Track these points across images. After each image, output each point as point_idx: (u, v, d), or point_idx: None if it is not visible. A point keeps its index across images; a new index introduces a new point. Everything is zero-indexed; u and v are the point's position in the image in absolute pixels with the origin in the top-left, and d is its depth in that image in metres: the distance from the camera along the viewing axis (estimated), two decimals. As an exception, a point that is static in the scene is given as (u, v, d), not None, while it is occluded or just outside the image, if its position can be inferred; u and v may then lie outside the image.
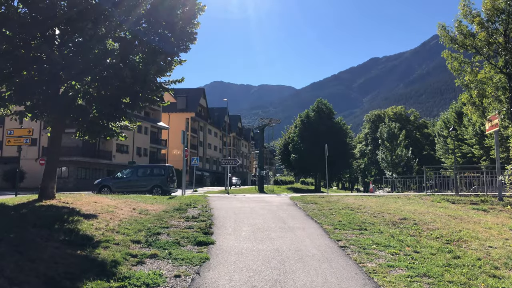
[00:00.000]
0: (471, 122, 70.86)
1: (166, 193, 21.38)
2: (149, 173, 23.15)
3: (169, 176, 22.65)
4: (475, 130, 68.12)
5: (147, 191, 20.95)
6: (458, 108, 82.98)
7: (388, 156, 37.91)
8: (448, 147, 74.93)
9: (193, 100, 76.90)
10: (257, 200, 15.70)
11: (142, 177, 22.63)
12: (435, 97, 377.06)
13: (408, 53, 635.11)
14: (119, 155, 52.45)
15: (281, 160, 49.05)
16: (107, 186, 22.20)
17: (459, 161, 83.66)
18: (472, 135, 68.83)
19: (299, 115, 43.48)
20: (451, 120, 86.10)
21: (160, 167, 23.86)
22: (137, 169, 23.67)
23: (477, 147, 67.30)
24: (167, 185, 22.40)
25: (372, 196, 17.65)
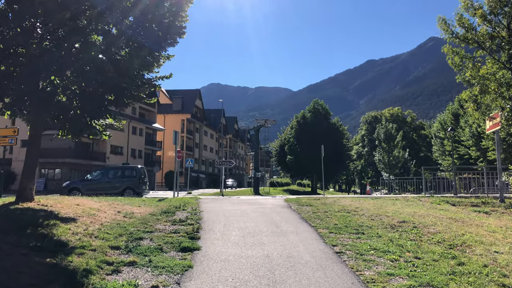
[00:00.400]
0: (468, 124, 70.65)
1: (138, 195, 20.67)
2: (121, 174, 22.43)
3: (141, 177, 21.97)
4: (472, 131, 67.86)
5: (118, 193, 20.23)
6: (455, 110, 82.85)
7: (385, 157, 37.37)
8: (445, 148, 74.66)
9: (188, 101, 76.34)
10: (250, 202, 15.14)
11: (113, 179, 21.96)
12: (431, 99, 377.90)
13: (405, 55, 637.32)
14: (113, 157, 51.77)
15: (277, 162, 48.52)
16: (76, 189, 21.49)
17: (456, 163, 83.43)
18: (469, 137, 68.52)
19: (295, 116, 42.96)
20: (447, 121, 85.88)
21: (131, 169, 23.12)
22: (108, 171, 23.00)
23: (474, 149, 66.98)
24: (139, 186, 21.75)
25: (369, 198, 17.10)
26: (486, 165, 69.75)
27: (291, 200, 15.54)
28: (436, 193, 27.16)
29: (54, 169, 47.66)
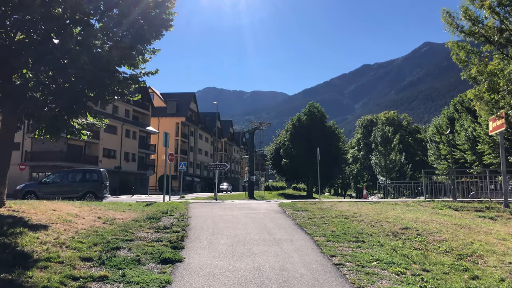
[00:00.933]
0: (463, 128, 70.33)
1: (100, 199, 19.53)
2: (82, 178, 21.20)
3: (103, 182, 20.86)
4: (467, 135, 67.52)
5: (78, 198, 18.90)
6: (450, 114, 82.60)
7: (382, 161, 36.68)
8: (440, 152, 74.31)
9: (183, 104, 75.57)
10: (243, 207, 14.37)
11: (73, 182, 20.68)
12: (425, 104, 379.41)
13: (399, 60, 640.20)
14: (105, 160, 50.84)
15: (272, 165, 47.75)
16: (32, 192, 20.07)
17: (451, 167, 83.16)
18: (464, 141, 68.22)
19: (291, 119, 42.21)
20: (443, 125, 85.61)
21: (93, 172, 21.86)
22: (67, 174, 21.61)
23: (470, 153, 66.61)
24: (101, 191, 20.57)
25: (366, 202, 16.38)
26: (482, 168, 69.47)
27: (285, 204, 14.81)
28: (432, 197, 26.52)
29: (45, 172, 46.57)
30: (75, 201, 13.57)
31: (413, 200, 18.34)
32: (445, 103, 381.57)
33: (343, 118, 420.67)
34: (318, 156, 25.35)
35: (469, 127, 67.74)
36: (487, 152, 57.69)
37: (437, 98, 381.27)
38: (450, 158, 72.75)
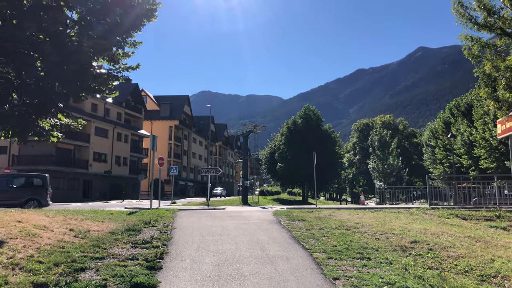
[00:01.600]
0: (459, 132, 69.77)
1: (44, 206, 17.97)
2: (24, 183, 19.22)
3: (47, 187, 19.27)
4: (463, 139, 66.86)
5: (19, 205, 17.03)
6: (446, 118, 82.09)
7: (380, 165, 35.72)
8: (436, 157, 73.65)
9: (177, 107, 74.52)
10: (235, 215, 13.32)
11: (13, 188, 18.47)
12: (420, 108, 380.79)
13: (394, 64, 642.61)
14: (96, 164, 49.62)
15: (267, 170, 46.71)
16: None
17: (447, 171, 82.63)
18: (460, 145, 67.64)
19: (286, 122, 41.20)
20: (439, 130, 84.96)
21: (37, 177, 19.95)
22: (7, 178, 19.44)
23: (466, 157, 65.94)
24: (45, 197, 18.93)
25: (367, 210, 15.37)
26: (478, 173, 68.87)
27: (280, 213, 13.77)
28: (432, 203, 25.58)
29: (33, 177, 45.34)
30: (30, 210, 12.35)
31: (416, 207, 17.35)
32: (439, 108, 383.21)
33: (338, 122, 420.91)
34: (315, 161, 24.38)
35: (465, 131, 67.17)
36: (483, 157, 57.01)
37: (431, 102, 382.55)
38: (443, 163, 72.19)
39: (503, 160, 53.47)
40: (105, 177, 49.32)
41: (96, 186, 49.24)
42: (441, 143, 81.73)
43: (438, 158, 76.56)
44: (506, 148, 50.48)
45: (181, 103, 76.43)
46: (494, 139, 52.31)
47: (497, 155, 54.47)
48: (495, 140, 52.35)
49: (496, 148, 53.79)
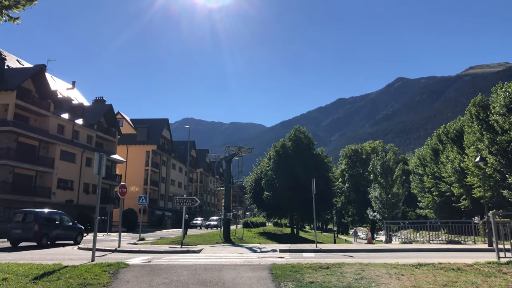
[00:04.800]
0: (449, 159, 66.88)
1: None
2: None
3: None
4: (454, 167, 63.89)
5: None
6: (434, 145, 79.62)
7: (383, 195, 31.60)
8: (424, 185, 70.46)
9: (155, 131, 69.90)
10: (210, 280, 8.05)
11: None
12: (400, 136, 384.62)
13: (374, 94, 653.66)
14: (60, 192, 44.23)
15: (252, 199, 42.16)
16: None
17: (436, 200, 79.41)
18: (451, 173, 64.55)
19: (274, 145, 37.02)
20: (427, 157, 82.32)
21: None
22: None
23: (457, 185, 62.78)
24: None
25: (410, 264, 10.36)
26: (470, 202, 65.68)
27: (282, 272, 8.70)
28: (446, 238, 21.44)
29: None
30: None
31: (476, 254, 12.92)
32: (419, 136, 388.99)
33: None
34: (314, 190, 20.25)
35: (455, 158, 64.32)
36: (476, 185, 53.81)
37: (411, 131, 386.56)
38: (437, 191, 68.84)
39: (498, 188, 50.31)
40: (71, 206, 43.94)
41: (60, 217, 43.66)
42: (430, 170, 78.69)
43: (426, 186, 73.37)
44: (502, 176, 47.43)
45: (159, 126, 71.89)
46: (489, 167, 49.38)
47: (492, 184, 51.33)
48: (490, 168, 49.40)
49: (490, 176, 50.74)
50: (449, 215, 74.18)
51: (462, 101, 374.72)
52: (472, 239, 20.75)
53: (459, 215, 74.27)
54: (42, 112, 43.12)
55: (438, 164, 74.45)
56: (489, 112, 49.66)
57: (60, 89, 52.95)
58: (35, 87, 43.82)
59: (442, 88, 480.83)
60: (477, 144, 52.41)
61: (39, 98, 43.61)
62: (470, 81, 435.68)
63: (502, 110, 36.81)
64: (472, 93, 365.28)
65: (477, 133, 53.14)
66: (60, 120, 45.98)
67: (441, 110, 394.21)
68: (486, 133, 48.76)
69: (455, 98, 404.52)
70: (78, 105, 51.88)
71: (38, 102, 42.99)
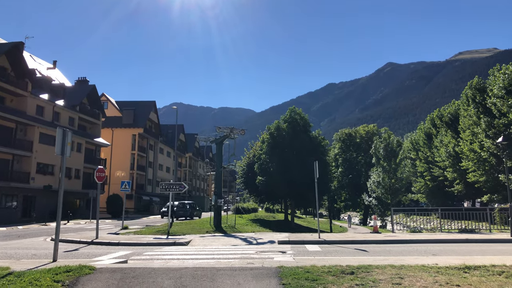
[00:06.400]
0: (443, 144, 65.54)
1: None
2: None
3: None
4: (448, 151, 62.62)
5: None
6: (427, 129, 78.22)
7: (386, 180, 29.63)
8: (416, 169, 69.16)
9: (141, 114, 67.03)
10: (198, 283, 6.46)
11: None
12: (389, 122, 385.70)
13: (364, 79, 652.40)
14: (40, 177, 41.61)
15: (244, 184, 40.09)
16: None
17: (428, 185, 78.39)
18: (445, 157, 63.30)
19: (268, 127, 34.79)
20: (420, 141, 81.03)
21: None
22: None
23: (450, 170, 61.62)
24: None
25: (455, 267, 7.89)
26: (463, 187, 64.48)
27: (293, 279, 6.58)
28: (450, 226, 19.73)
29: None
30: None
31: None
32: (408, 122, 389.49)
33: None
34: (317, 174, 18.25)
35: (449, 142, 62.97)
36: (471, 169, 52.57)
37: (400, 116, 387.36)
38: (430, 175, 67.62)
39: (493, 173, 49.03)
40: (51, 192, 41.45)
41: (40, 203, 41.18)
42: (422, 155, 77.47)
43: (419, 170, 72.12)
44: (498, 160, 46.13)
45: (146, 109, 69.01)
46: (484, 151, 47.96)
47: (487, 168, 50.02)
48: (486, 152, 48.00)
49: (485, 161, 49.38)
50: (441, 200, 73.43)
51: (451, 86, 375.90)
52: (487, 227, 19.03)
53: (451, 200, 73.61)
54: (19, 92, 40.19)
55: (431, 149, 73.17)
56: (485, 95, 48.10)
57: (40, 68, 49.80)
58: (11, 65, 40.79)
59: (431, 74, 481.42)
60: (473, 127, 50.96)
61: (15, 76, 40.63)
62: (459, 66, 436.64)
63: (500, 92, 35.18)
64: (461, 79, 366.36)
65: (473, 117, 51.63)
66: (39, 101, 43.11)
67: (430, 95, 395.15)
68: (483, 116, 47.25)
69: (444, 84, 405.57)
70: (58, 85, 48.88)
71: (14, 81, 40.02)
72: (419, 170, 73.35)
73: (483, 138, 46.99)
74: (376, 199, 34.11)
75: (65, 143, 9.36)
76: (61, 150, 9.33)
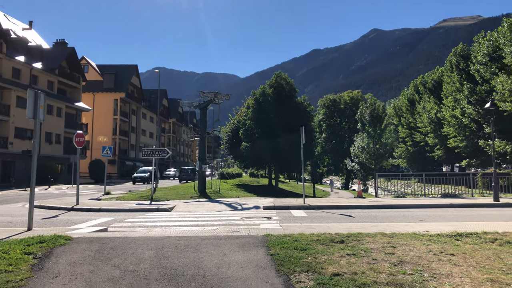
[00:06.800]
0: (425, 110, 66.13)
1: None
2: None
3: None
4: (430, 117, 63.28)
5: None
6: (410, 96, 78.61)
7: (371, 145, 29.60)
8: (398, 135, 69.90)
9: (123, 78, 65.32)
10: (172, 272, 4.98)
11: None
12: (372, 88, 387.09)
13: (348, 45, 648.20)
14: (18, 142, 40.51)
15: (228, 150, 39.78)
16: None
17: (409, 150, 79.59)
18: (427, 123, 64.03)
19: (253, 92, 34.15)
20: (402, 107, 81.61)
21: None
22: None
23: (432, 135, 62.53)
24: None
25: (447, 234, 7.12)
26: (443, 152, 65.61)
27: (282, 249, 6.15)
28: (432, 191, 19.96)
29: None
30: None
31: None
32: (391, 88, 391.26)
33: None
34: (303, 140, 18.03)
35: (432, 108, 63.50)
36: (452, 135, 53.39)
37: (383, 83, 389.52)
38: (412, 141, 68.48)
39: (473, 138, 49.87)
40: (31, 157, 40.59)
41: (19, 168, 40.27)
42: (405, 121, 78.25)
43: (400, 136, 72.94)
44: (478, 125, 46.76)
45: (128, 73, 67.20)
46: (466, 117, 48.49)
47: (467, 134, 50.81)
48: (467, 118, 48.56)
49: (466, 126, 50.07)
50: (422, 165, 74.91)
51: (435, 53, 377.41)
52: (469, 192, 19.33)
53: (430, 165, 75.13)
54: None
55: (414, 115, 73.83)
56: (469, 62, 48.17)
57: (15, 29, 47.47)
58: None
59: (415, 41, 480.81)
60: (456, 94, 51.32)
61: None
62: (443, 33, 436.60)
63: (484, 59, 35.14)
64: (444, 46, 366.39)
65: (456, 83, 51.95)
66: (14, 63, 41.34)
67: (413, 62, 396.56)
68: (466, 83, 47.53)
69: (428, 51, 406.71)
70: (36, 47, 46.83)
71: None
72: (401, 135, 74.18)
73: (465, 104, 47.43)
74: (359, 164, 34.31)
75: (37, 106, 8.73)
76: (32, 113, 8.72)
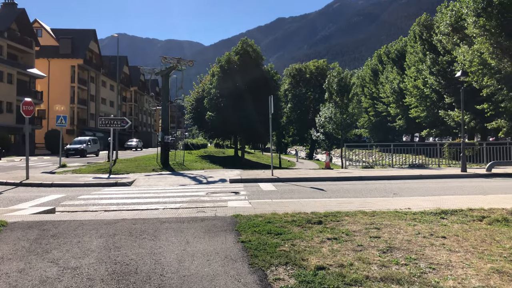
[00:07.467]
0: (388, 80, 66.92)
1: None
2: None
3: None
4: (393, 87, 64.18)
5: None
6: (374, 66, 79.23)
7: (338, 115, 29.34)
8: (361, 105, 70.71)
9: (80, 43, 61.67)
10: (122, 269, 3.98)
11: None
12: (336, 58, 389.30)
13: (313, 14, 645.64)
14: (-36, 111, 37.60)
15: (192, 120, 38.52)
16: None
17: (372, 120, 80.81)
18: (389, 93, 64.94)
19: (218, 59, 32.74)
20: (366, 77, 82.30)
21: None
22: None
23: (394, 106, 63.63)
24: None
25: (431, 212, 6.38)
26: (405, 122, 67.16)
27: (254, 234, 5.40)
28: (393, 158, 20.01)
29: None
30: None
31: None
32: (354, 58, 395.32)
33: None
34: (272, 110, 17.29)
35: (394, 79, 64.29)
36: (413, 105, 54.48)
37: (346, 53, 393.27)
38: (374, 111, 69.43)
39: (433, 109, 51.03)
40: (-20, 127, 37.88)
41: (-32, 139, 37.60)
42: (368, 91, 79.17)
43: (363, 106, 73.74)
44: (439, 96, 47.69)
45: (86, 38, 63.47)
46: (427, 87, 49.33)
47: (428, 104, 51.93)
48: (428, 89, 49.42)
49: (427, 97, 51.09)
50: (383, 135, 76.47)
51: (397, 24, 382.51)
52: (435, 162, 19.48)
53: (391, 135, 76.90)
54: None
55: (377, 85, 74.65)
56: (432, 32, 48.54)
57: (-46, -15, 43.22)
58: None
59: (378, 11, 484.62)
60: (418, 64, 51.94)
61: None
62: (405, 4, 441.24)
63: (447, 29, 35.20)
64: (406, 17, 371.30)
65: (419, 53, 52.52)
66: (-44, 24, 37.82)
67: (376, 33, 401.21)
68: (428, 53, 48.08)
69: (390, 21, 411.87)
70: (-20, 8, 43.03)
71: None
72: (364, 106, 74.94)
73: (427, 75, 48.13)
74: (324, 134, 34.21)
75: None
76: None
